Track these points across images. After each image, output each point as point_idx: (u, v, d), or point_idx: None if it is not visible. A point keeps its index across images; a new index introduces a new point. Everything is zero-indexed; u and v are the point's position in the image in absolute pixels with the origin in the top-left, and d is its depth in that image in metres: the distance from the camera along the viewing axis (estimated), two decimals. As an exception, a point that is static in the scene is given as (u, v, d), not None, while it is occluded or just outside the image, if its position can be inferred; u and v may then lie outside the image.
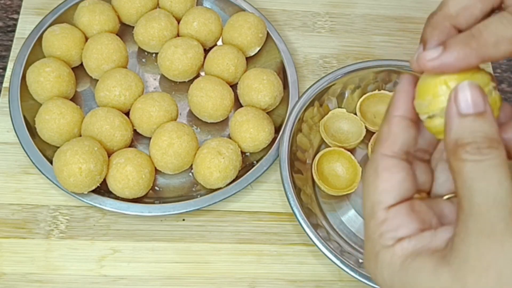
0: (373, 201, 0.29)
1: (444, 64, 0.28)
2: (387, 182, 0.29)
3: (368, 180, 0.30)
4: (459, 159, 0.26)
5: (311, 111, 0.59)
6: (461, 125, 0.27)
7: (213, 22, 0.62)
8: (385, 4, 0.71)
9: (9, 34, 0.65)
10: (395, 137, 0.30)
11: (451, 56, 0.28)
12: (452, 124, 0.27)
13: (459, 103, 0.27)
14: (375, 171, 0.29)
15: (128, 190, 0.52)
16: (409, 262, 0.27)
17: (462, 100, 0.27)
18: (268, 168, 0.56)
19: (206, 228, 0.54)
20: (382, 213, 0.29)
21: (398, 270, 0.28)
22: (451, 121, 0.27)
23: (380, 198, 0.29)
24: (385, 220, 0.29)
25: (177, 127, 0.54)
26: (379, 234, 0.29)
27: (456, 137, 0.27)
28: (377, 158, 0.30)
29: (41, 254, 0.51)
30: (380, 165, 0.29)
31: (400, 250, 0.28)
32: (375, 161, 0.30)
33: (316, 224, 0.53)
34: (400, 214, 0.29)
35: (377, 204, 0.29)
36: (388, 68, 0.61)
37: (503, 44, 0.28)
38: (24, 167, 0.55)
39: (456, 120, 0.27)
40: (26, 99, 0.57)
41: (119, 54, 0.58)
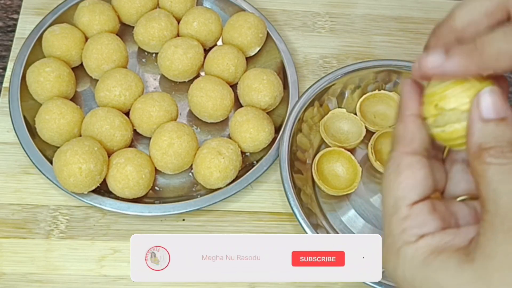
0: (396, 197, 0.29)
1: (445, 71, 0.29)
2: (410, 178, 0.29)
3: (389, 177, 0.30)
4: (483, 162, 0.27)
5: (311, 111, 0.59)
6: (484, 129, 0.28)
7: (213, 22, 0.62)
8: (385, 4, 0.71)
9: (9, 34, 0.65)
10: (413, 135, 0.30)
11: (453, 64, 0.29)
12: (475, 128, 0.28)
13: (482, 109, 0.28)
14: (397, 168, 0.30)
15: (128, 190, 0.52)
16: (433, 257, 0.28)
17: (485, 106, 0.28)
18: (268, 168, 0.56)
19: (206, 228, 0.54)
20: (406, 209, 0.29)
21: (420, 265, 0.28)
22: (474, 126, 0.28)
23: (404, 194, 0.29)
24: (408, 216, 0.29)
25: (177, 127, 0.54)
26: (402, 230, 0.29)
27: (480, 141, 0.27)
28: (398, 156, 0.30)
29: (41, 254, 0.51)
30: (402, 162, 0.30)
31: (423, 246, 0.28)
32: (395, 159, 0.30)
33: (316, 224, 0.53)
34: (423, 211, 0.29)
35: (401, 199, 0.29)
36: (388, 68, 0.61)
37: (504, 59, 0.28)
38: (24, 167, 0.55)
39: (479, 125, 0.28)
40: (26, 99, 0.57)
41: (119, 54, 0.58)
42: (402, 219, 0.29)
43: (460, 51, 0.29)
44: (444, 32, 0.32)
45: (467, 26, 0.31)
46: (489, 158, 0.27)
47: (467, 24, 0.31)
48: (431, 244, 0.28)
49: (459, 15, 0.31)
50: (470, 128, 0.28)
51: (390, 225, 0.29)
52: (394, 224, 0.29)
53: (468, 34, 0.31)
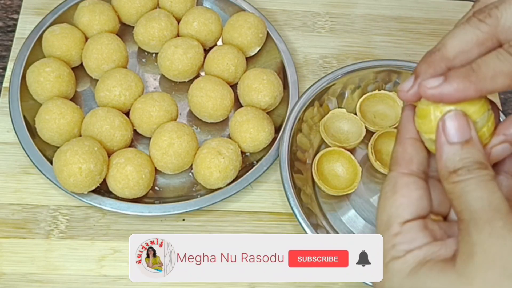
0: (389, 215, 0.31)
1: (443, 94, 0.30)
2: (405, 197, 0.31)
3: (385, 195, 0.31)
4: (452, 182, 0.29)
5: (311, 111, 0.59)
6: (450, 152, 0.30)
7: (213, 22, 0.62)
8: (385, 4, 0.71)
9: (9, 34, 0.65)
10: (411, 156, 0.32)
11: (451, 87, 0.30)
12: (442, 152, 0.30)
13: (447, 132, 0.30)
14: (394, 187, 0.31)
15: (128, 190, 0.52)
16: (419, 267, 0.29)
17: (450, 129, 0.30)
18: (268, 168, 0.56)
19: (206, 228, 0.54)
20: (397, 227, 0.30)
21: (407, 276, 0.29)
22: (441, 149, 0.30)
23: (397, 212, 0.30)
24: (399, 233, 0.30)
25: (177, 127, 0.54)
26: (392, 245, 0.30)
27: (447, 164, 0.29)
28: (395, 175, 0.32)
29: (41, 254, 0.51)
30: (398, 182, 0.31)
31: (411, 258, 0.29)
32: (393, 178, 0.32)
33: (316, 224, 0.53)
34: (414, 230, 0.30)
35: (393, 217, 0.30)
36: (388, 68, 0.61)
37: (499, 78, 0.30)
38: (24, 167, 0.55)
39: (446, 148, 0.30)
40: (26, 99, 0.57)
41: (119, 54, 0.58)
42: (393, 236, 0.30)
43: (457, 74, 0.30)
44: (435, 60, 0.32)
45: (458, 55, 0.32)
46: (457, 177, 0.29)
47: (458, 53, 0.32)
48: (418, 256, 0.29)
49: (451, 44, 0.32)
50: (438, 151, 0.30)
51: (383, 240, 0.31)
52: (385, 240, 0.30)
53: (458, 62, 0.32)
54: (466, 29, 0.32)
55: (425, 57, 0.33)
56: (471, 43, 0.32)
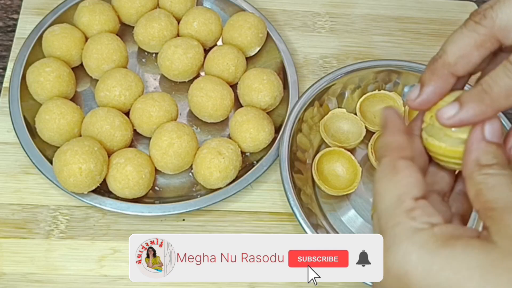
0: (398, 193, 0.30)
1: (462, 121, 0.31)
2: (411, 177, 0.31)
3: (385, 177, 0.32)
4: (484, 173, 0.30)
5: (311, 111, 0.59)
6: (485, 148, 0.31)
7: (213, 22, 0.62)
8: (385, 4, 0.71)
9: (9, 34, 0.65)
10: (404, 144, 0.33)
11: (468, 113, 0.31)
12: (477, 146, 0.31)
13: (486, 131, 0.31)
14: (394, 169, 0.31)
15: (128, 190, 0.52)
16: (453, 241, 0.28)
17: (489, 130, 0.31)
18: (268, 168, 0.56)
19: (206, 228, 0.54)
20: (411, 202, 0.30)
21: (441, 247, 0.28)
22: (476, 144, 0.31)
23: (407, 189, 0.30)
24: (415, 207, 0.30)
25: (177, 127, 0.54)
26: (412, 218, 0.29)
27: (481, 157, 0.31)
28: (393, 159, 0.32)
29: (41, 254, 0.51)
30: (399, 164, 0.31)
31: (440, 232, 0.29)
32: (390, 162, 0.32)
33: (316, 224, 0.53)
34: (428, 206, 0.30)
35: (404, 194, 0.30)
36: (388, 68, 0.61)
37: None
38: (24, 167, 0.55)
39: (481, 144, 0.31)
40: (26, 99, 0.57)
41: (119, 54, 0.58)
42: (409, 210, 0.30)
43: (471, 98, 0.31)
44: (437, 67, 0.34)
45: (459, 60, 0.33)
46: (491, 170, 0.30)
47: (459, 58, 0.33)
48: (447, 232, 0.29)
49: (451, 50, 0.33)
50: (471, 145, 0.31)
51: (395, 218, 0.30)
52: (401, 215, 0.30)
53: (460, 67, 0.33)
54: (464, 33, 0.33)
55: (428, 65, 0.34)
56: (470, 47, 0.33)
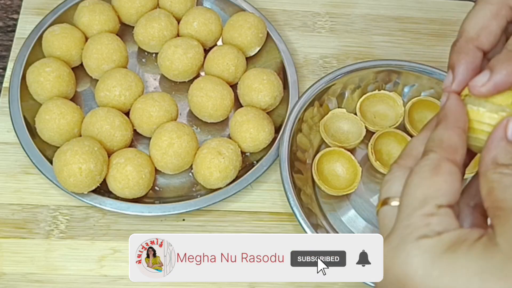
0: (426, 194, 0.30)
1: (497, 84, 0.31)
2: (447, 183, 0.30)
3: (423, 174, 0.30)
4: (500, 172, 0.29)
5: (311, 111, 0.59)
6: (505, 148, 0.30)
7: (213, 22, 0.62)
8: (385, 4, 0.71)
9: (9, 34, 0.65)
10: (458, 146, 0.31)
11: (501, 74, 0.31)
12: (497, 145, 0.30)
13: (509, 130, 0.30)
14: (436, 168, 0.30)
15: (128, 190, 0.52)
16: (457, 246, 0.28)
17: (511, 129, 0.30)
18: (268, 168, 0.56)
19: (206, 228, 0.54)
20: (433, 208, 0.30)
21: (444, 252, 0.28)
22: (495, 142, 0.30)
23: (436, 194, 0.30)
24: (434, 214, 0.29)
25: (177, 127, 0.54)
26: (426, 224, 0.29)
27: (499, 156, 0.30)
28: (440, 158, 0.31)
29: (41, 254, 0.51)
30: (443, 165, 0.30)
31: (445, 238, 0.29)
32: (435, 160, 0.31)
33: (316, 224, 0.53)
34: (449, 215, 0.30)
35: (431, 198, 0.30)
36: (388, 68, 0.61)
37: None
38: (24, 167, 0.55)
39: (501, 143, 0.30)
40: (26, 99, 0.57)
41: (119, 54, 0.58)
42: (427, 215, 0.29)
43: (500, 61, 0.31)
44: (462, 45, 0.33)
45: (481, 32, 0.33)
46: (506, 170, 0.29)
47: (480, 30, 0.33)
48: (453, 236, 0.29)
49: (469, 25, 0.34)
50: (491, 143, 0.30)
51: (411, 218, 0.30)
52: (418, 217, 0.29)
53: (484, 39, 0.33)
54: (478, 8, 0.34)
55: (452, 48, 0.34)
56: (487, 18, 0.33)
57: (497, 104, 0.31)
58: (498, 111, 0.31)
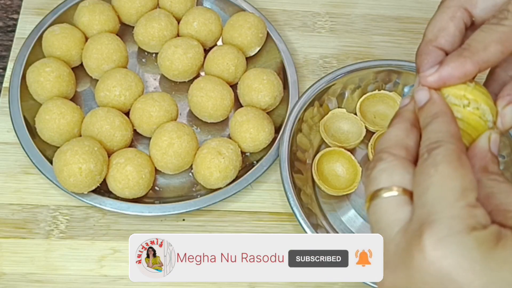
0: (463, 185, 0.29)
1: (443, 76, 0.33)
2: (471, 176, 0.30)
3: (451, 164, 0.30)
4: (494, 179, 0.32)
5: (311, 111, 0.59)
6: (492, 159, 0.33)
7: (213, 22, 0.62)
8: (385, 4, 0.71)
9: (9, 34, 0.65)
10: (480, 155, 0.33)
11: (448, 67, 0.33)
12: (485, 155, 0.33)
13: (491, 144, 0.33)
14: (460, 160, 0.30)
15: (128, 190, 0.52)
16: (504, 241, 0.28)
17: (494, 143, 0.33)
18: (268, 168, 0.56)
19: (206, 228, 0.54)
20: (474, 200, 0.29)
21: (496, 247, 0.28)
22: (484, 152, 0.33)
23: (471, 186, 0.29)
24: (477, 206, 0.29)
25: (177, 127, 0.54)
26: (473, 215, 0.28)
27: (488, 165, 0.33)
28: (460, 150, 0.31)
29: (41, 254, 0.51)
30: (464, 158, 0.30)
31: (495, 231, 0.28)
32: (457, 151, 0.30)
33: (316, 224, 0.53)
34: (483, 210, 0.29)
35: (470, 191, 0.29)
36: (388, 68, 0.61)
37: (491, 47, 0.32)
38: (24, 167, 0.55)
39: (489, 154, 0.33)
40: (26, 99, 0.57)
41: (119, 54, 0.58)
42: (472, 206, 0.29)
43: (451, 56, 0.33)
44: (422, 48, 0.36)
45: (438, 33, 0.35)
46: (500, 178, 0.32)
47: (438, 32, 0.35)
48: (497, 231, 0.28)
49: (429, 29, 0.36)
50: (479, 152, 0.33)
51: (455, 209, 0.28)
52: (462, 209, 0.28)
53: (442, 40, 0.35)
54: (437, 13, 0.36)
55: (416, 53, 0.36)
56: (444, 20, 0.36)
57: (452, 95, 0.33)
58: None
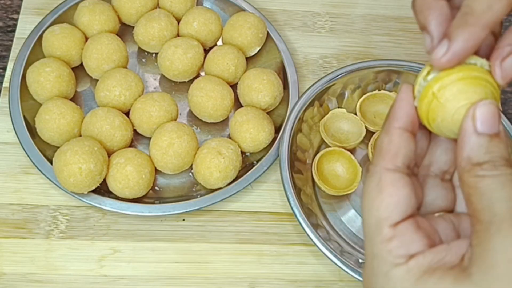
0: (378, 217, 0.28)
1: (457, 53, 0.28)
2: (392, 197, 0.28)
3: (370, 195, 0.29)
4: (475, 175, 0.26)
5: (311, 111, 0.59)
6: (477, 143, 0.27)
7: (213, 22, 0.62)
8: (385, 4, 0.71)
9: (9, 34, 0.65)
10: (397, 150, 0.29)
11: (458, 43, 0.28)
12: (467, 141, 0.27)
13: (476, 120, 0.27)
14: (378, 185, 0.28)
15: (128, 190, 0.52)
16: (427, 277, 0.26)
17: (480, 118, 0.27)
18: (268, 168, 0.56)
19: (206, 228, 0.54)
20: (389, 230, 0.28)
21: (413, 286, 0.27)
22: (466, 138, 0.27)
23: (386, 214, 0.28)
24: (393, 237, 0.28)
25: (177, 127, 0.54)
26: (388, 251, 0.28)
27: (471, 154, 0.26)
28: (379, 171, 0.29)
29: (41, 254, 0.51)
30: (383, 179, 0.28)
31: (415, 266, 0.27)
32: (376, 175, 0.29)
33: (316, 224, 0.53)
34: (409, 231, 0.28)
35: (383, 220, 0.28)
36: (388, 68, 0.61)
37: (495, 4, 0.28)
38: (24, 167, 0.55)
39: (472, 138, 0.27)
40: (26, 99, 0.57)
41: (119, 54, 0.58)
42: (387, 240, 0.28)
43: (455, 26, 0.28)
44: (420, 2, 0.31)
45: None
46: (481, 171, 0.26)
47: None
48: (423, 264, 0.27)
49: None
50: (462, 140, 0.27)
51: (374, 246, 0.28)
52: (379, 246, 0.28)
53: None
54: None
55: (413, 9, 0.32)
56: None
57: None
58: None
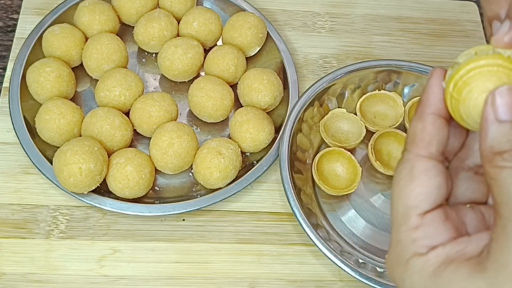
0: (407, 205, 0.28)
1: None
2: (424, 186, 0.28)
3: (400, 182, 0.28)
4: (495, 166, 0.25)
5: (311, 111, 0.59)
6: (498, 131, 0.26)
7: (213, 22, 0.62)
8: (385, 4, 0.71)
9: (9, 34, 0.65)
10: (432, 137, 0.28)
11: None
12: (489, 130, 0.26)
13: (497, 109, 0.26)
14: (410, 173, 0.28)
15: (128, 190, 0.52)
16: (443, 268, 0.26)
17: (500, 105, 0.26)
18: (268, 168, 0.56)
19: (206, 228, 0.54)
20: (417, 219, 0.27)
21: (430, 277, 0.26)
22: (488, 127, 0.26)
23: (416, 202, 0.28)
24: (419, 226, 0.27)
25: (177, 127, 0.54)
26: (412, 240, 0.27)
27: (493, 144, 0.26)
28: (412, 158, 0.28)
29: (41, 254, 0.51)
30: (416, 167, 0.28)
31: (434, 257, 0.27)
32: (409, 162, 0.28)
33: (316, 224, 0.53)
34: (436, 222, 0.27)
35: (412, 208, 0.28)
36: (388, 68, 0.61)
37: None
38: (24, 167, 0.55)
39: (493, 127, 0.26)
40: (26, 99, 0.57)
41: (119, 54, 0.58)
42: (413, 229, 0.27)
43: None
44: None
45: None
46: (502, 162, 0.25)
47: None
48: (441, 255, 0.27)
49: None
50: (483, 129, 0.26)
51: (399, 234, 0.28)
52: (404, 233, 0.28)
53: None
54: None
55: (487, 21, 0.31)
56: None
57: None
58: None
